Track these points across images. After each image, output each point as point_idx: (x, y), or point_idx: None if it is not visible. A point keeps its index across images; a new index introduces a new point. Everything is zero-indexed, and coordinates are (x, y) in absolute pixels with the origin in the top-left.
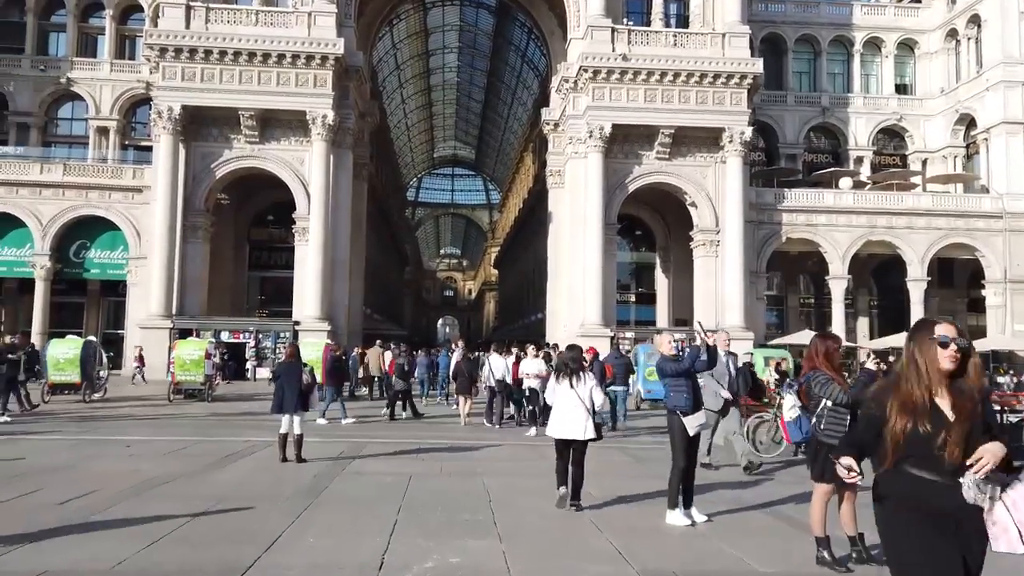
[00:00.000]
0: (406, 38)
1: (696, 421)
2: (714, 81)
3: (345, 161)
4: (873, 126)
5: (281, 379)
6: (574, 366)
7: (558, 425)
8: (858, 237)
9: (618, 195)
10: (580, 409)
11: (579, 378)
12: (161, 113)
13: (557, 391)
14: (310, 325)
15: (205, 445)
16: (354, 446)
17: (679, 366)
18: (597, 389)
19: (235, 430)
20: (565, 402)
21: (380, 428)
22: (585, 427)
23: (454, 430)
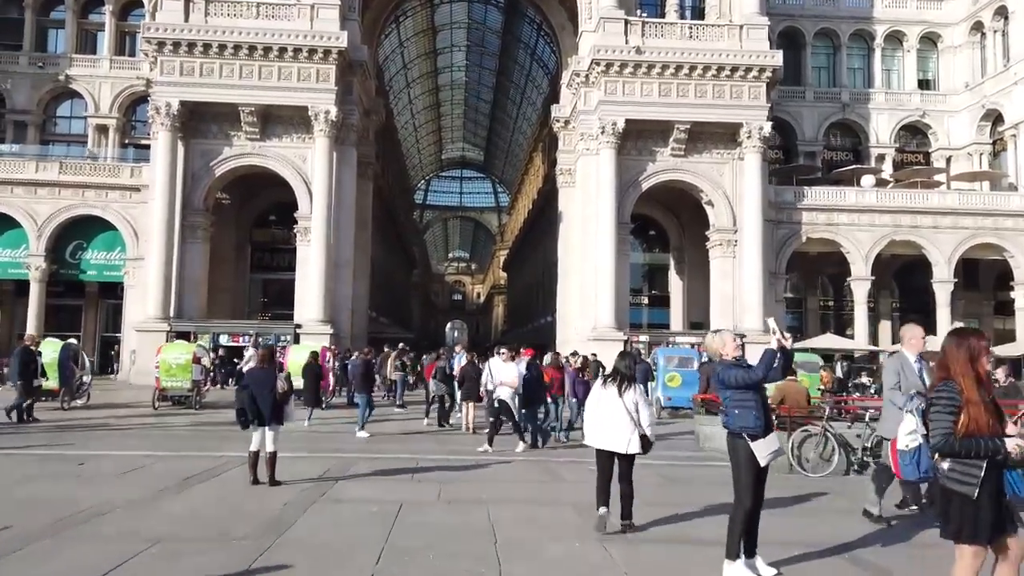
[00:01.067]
0: (413, 36)
1: (769, 447)
2: (731, 74)
3: (348, 158)
4: (895, 123)
5: (250, 388)
6: (628, 373)
7: (598, 434)
8: (881, 237)
9: (631, 193)
10: (625, 419)
11: (628, 387)
12: (159, 109)
13: (601, 397)
14: (312, 328)
15: (172, 462)
16: (342, 463)
17: (750, 375)
18: (644, 403)
19: (215, 443)
20: (609, 410)
21: (387, 441)
22: (629, 440)
23: (457, 442)
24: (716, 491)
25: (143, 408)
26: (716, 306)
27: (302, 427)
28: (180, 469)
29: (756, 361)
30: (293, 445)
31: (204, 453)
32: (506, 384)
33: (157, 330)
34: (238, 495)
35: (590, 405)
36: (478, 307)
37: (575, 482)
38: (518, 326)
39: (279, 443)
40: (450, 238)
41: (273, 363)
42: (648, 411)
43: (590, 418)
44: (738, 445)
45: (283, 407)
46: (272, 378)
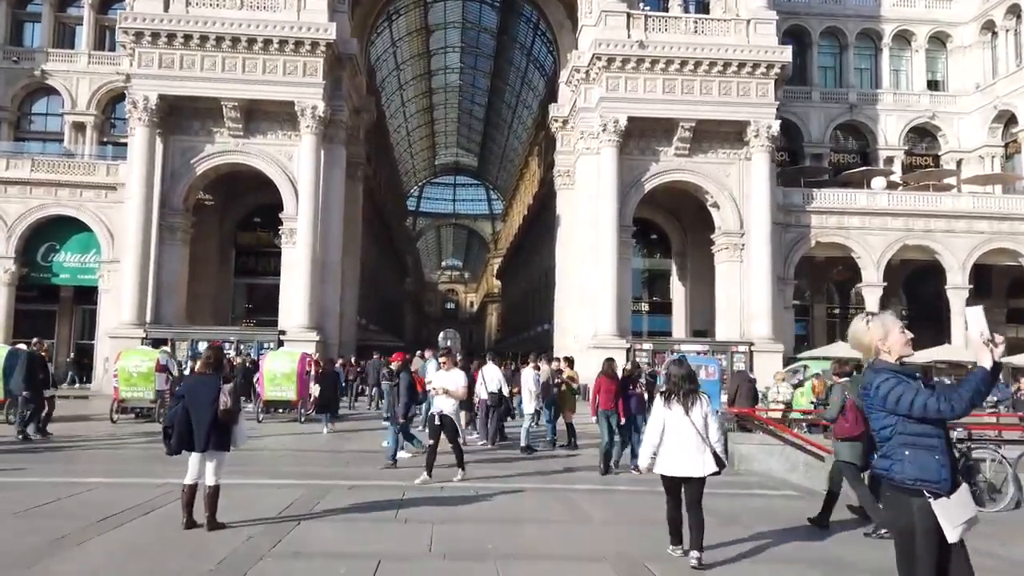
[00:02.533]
0: (406, 35)
1: (962, 512)
2: (738, 70)
3: (337, 157)
4: (904, 124)
5: (185, 401)
6: (689, 386)
7: (669, 459)
8: (894, 241)
9: (633, 195)
10: (695, 439)
11: (694, 401)
12: (136, 103)
13: (667, 418)
14: (297, 335)
15: (98, 492)
16: (311, 493)
17: (953, 402)
18: (713, 416)
19: (163, 466)
20: (678, 431)
21: (369, 462)
22: (703, 460)
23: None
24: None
25: (104, 422)
26: (722, 313)
27: (322, 434)
28: (106, 503)
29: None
30: (257, 467)
31: (145, 480)
32: (450, 394)
33: (132, 336)
34: (161, 545)
35: (653, 428)
36: (471, 316)
37: (605, 522)
38: (513, 335)
39: (224, 471)
40: (443, 246)
41: (220, 369)
42: (717, 424)
43: (653, 441)
44: (911, 506)
45: (229, 428)
46: (214, 389)
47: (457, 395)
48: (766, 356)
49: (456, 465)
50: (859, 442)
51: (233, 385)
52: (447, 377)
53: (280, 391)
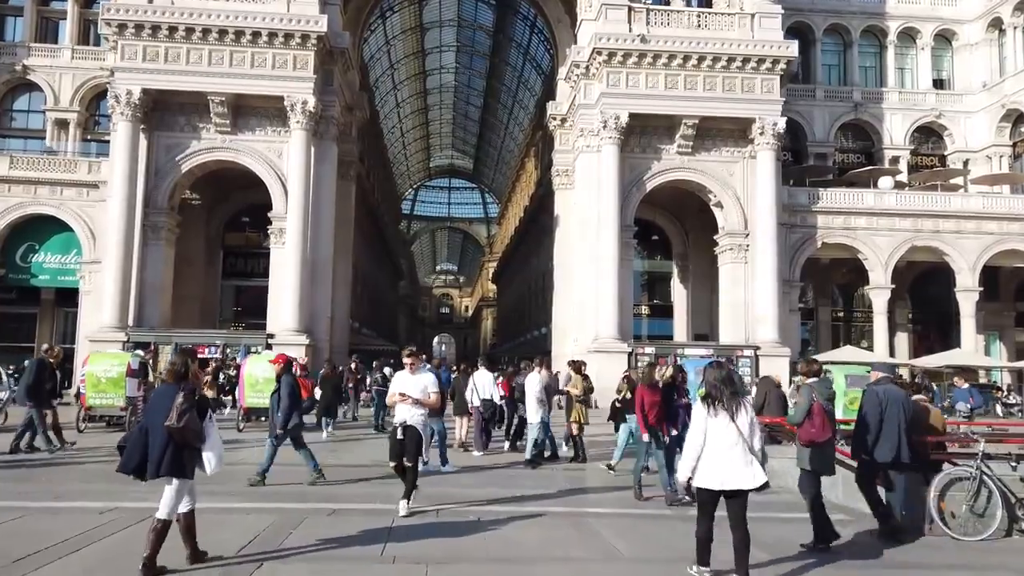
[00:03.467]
0: (400, 34)
1: None
2: (743, 66)
3: (328, 154)
4: (909, 123)
5: (148, 417)
6: (731, 390)
7: (711, 471)
8: (902, 242)
9: (635, 194)
10: (742, 447)
11: (739, 407)
12: (119, 97)
13: (710, 426)
14: (286, 338)
15: (30, 520)
16: (283, 520)
17: None
18: (758, 425)
19: (120, 485)
20: (723, 440)
21: (353, 477)
22: (753, 472)
23: (444, 482)
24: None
25: (71, 431)
26: (726, 316)
27: (321, 439)
28: (37, 534)
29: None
30: (227, 487)
31: (93, 503)
32: (412, 401)
33: (113, 340)
34: None
35: (695, 437)
36: (466, 321)
37: (635, 560)
38: (508, 339)
39: (190, 498)
40: (438, 250)
41: (185, 379)
42: (760, 433)
43: (695, 452)
44: None
45: (192, 451)
46: (171, 401)
47: (428, 404)
48: (772, 361)
49: (404, 496)
50: (827, 448)
51: (189, 397)
52: (411, 382)
53: (262, 397)
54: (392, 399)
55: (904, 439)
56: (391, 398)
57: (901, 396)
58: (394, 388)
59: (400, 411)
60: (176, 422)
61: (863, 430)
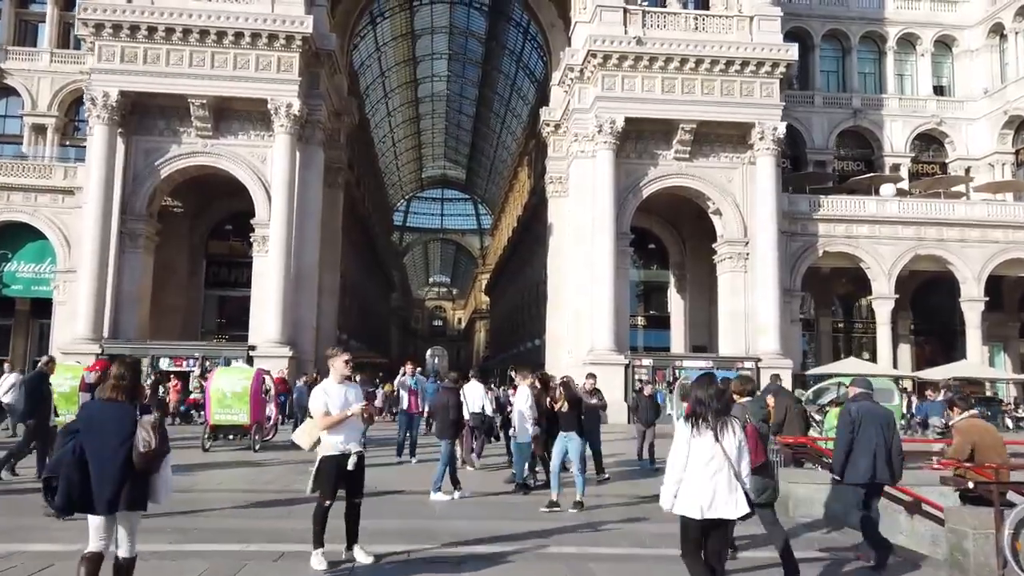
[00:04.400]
0: (391, 40)
1: None
2: (742, 69)
3: (314, 159)
4: (910, 131)
5: (78, 437)
6: (718, 406)
7: (693, 497)
8: (905, 251)
9: (631, 201)
10: (727, 472)
11: (725, 426)
12: (95, 99)
13: (693, 447)
14: (268, 350)
15: None
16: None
17: None
18: (745, 446)
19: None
20: (707, 463)
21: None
22: (736, 499)
23: (421, 506)
24: None
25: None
26: (725, 326)
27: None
28: None
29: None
30: (166, 522)
31: (17, 546)
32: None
33: (86, 353)
34: None
35: (676, 459)
36: (459, 333)
37: None
38: (502, 352)
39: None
40: (431, 262)
41: (136, 394)
42: (747, 457)
43: (676, 475)
44: None
45: (147, 476)
46: (126, 422)
47: (367, 411)
48: (774, 373)
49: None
50: (763, 474)
51: (155, 418)
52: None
53: (230, 414)
54: (339, 417)
55: (883, 459)
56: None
57: (880, 413)
58: (322, 403)
59: (350, 432)
60: (155, 446)
61: (836, 449)
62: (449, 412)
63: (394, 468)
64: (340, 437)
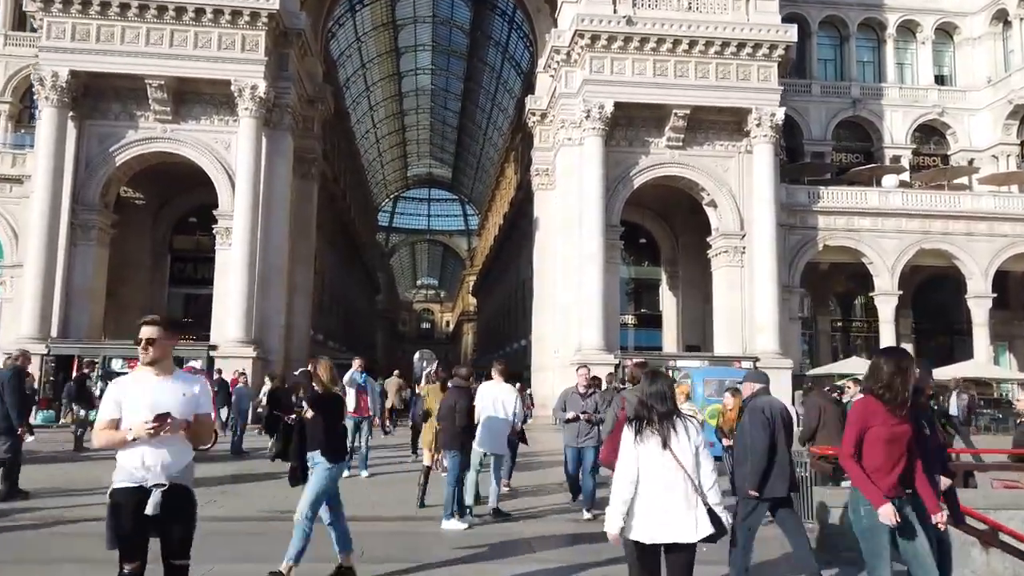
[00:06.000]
0: (372, 30)
1: None
2: (738, 51)
3: (281, 145)
4: (911, 121)
5: None
6: (664, 408)
7: (644, 518)
8: (909, 245)
9: (621, 191)
10: (681, 484)
11: (675, 429)
12: (43, 80)
13: (640, 455)
14: (230, 350)
15: None
16: None
17: None
18: (705, 453)
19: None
20: (655, 475)
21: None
22: (695, 517)
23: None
24: None
25: None
26: (721, 324)
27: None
28: None
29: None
30: None
31: None
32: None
33: (32, 353)
34: None
35: (624, 473)
36: (447, 336)
37: None
38: (488, 353)
39: None
40: (418, 264)
41: None
42: (711, 464)
43: (624, 493)
44: None
45: None
46: None
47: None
48: (773, 373)
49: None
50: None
51: None
52: (153, 391)
53: None
54: (118, 437)
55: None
56: (108, 436)
57: (784, 410)
58: (110, 409)
59: (158, 452)
60: None
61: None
62: (456, 417)
63: (353, 484)
64: (136, 460)
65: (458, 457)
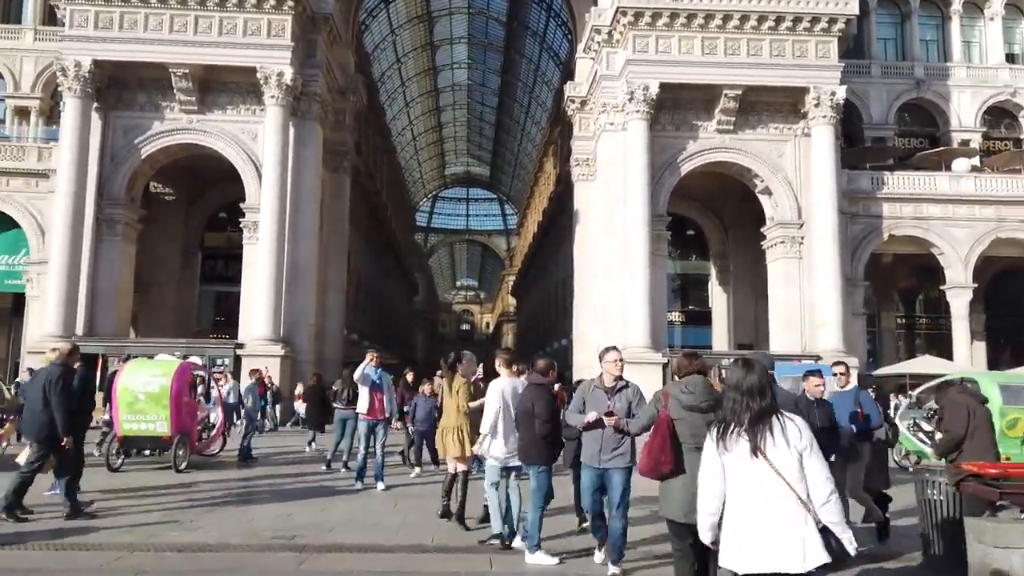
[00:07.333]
0: (406, 23)
1: None
2: (794, 26)
3: (310, 136)
4: (980, 103)
5: None
6: (759, 405)
7: (738, 542)
8: (984, 234)
9: (667, 179)
10: (782, 501)
11: (772, 431)
12: (67, 70)
13: (726, 466)
14: (257, 348)
15: None
16: None
17: None
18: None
19: None
20: (747, 488)
21: None
22: (803, 539)
23: None
24: None
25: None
26: (777, 320)
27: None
28: None
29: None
30: None
31: None
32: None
33: None
34: None
35: (709, 484)
36: (487, 337)
37: None
38: (528, 354)
39: None
40: (457, 264)
41: None
42: (823, 473)
43: (710, 506)
44: None
45: None
46: None
47: None
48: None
49: None
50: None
51: None
52: None
53: (143, 421)
54: None
55: None
56: None
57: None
58: None
59: None
60: None
61: None
62: (537, 424)
63: (351, 499)
64: None
65: (546, 474)
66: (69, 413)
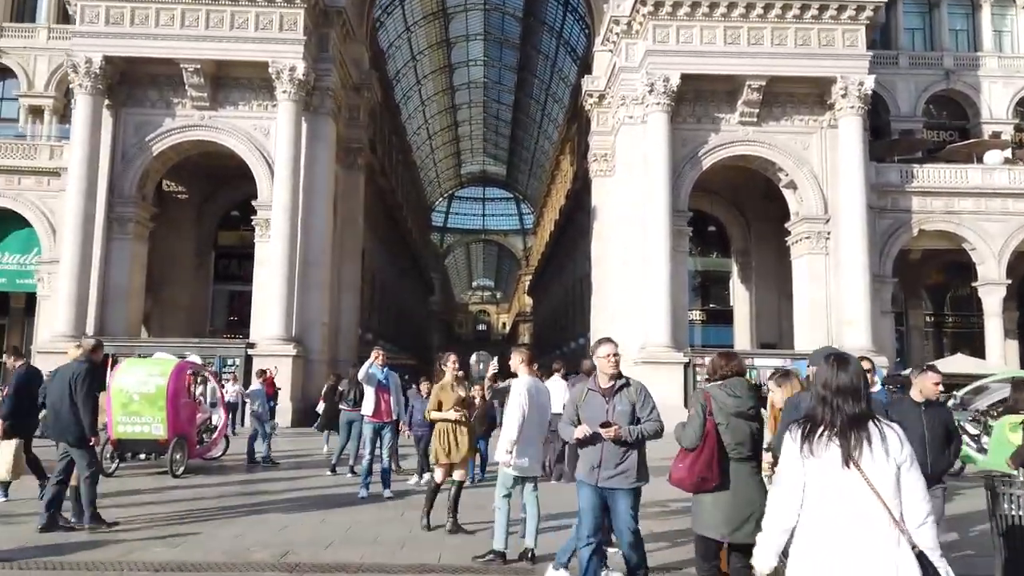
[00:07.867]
0: (422, 19)
1: None
2: (820, 14)
3: (322, 131)
4: (1012, 94)
5: None
6: (855, 410)
7: (814, 564)
8: (1017, 228)
9: (688, 173)
10: (874, 520)
11: (868, 441)
12: (77, 66)
13: (810, 477)
14: (269, 348)
15: None
16: None
17: None
18: (915, 472)
19: None
20: (833, 502)
21: None
22: (895, 566)
23: None
24: None
25: None
26: (802, 318)
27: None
28: None
29: None
30: None
31: None
32: None
33: (64, 352)
34: None
35: (784, 496)
36: (504, 337)
37: None
38: (545, 354)
39: None
40: (473, 265)
41: None
42: (922, 490)
43: (783, 521)
44: None
45: None
46: None
47: None
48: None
49: None
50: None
51: None
52: None
53: (138, 423)
54: None
55: None
56: None
57: None
58: None
59: None
60: None
61: None
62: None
63: (354, 509)
64: None
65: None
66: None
